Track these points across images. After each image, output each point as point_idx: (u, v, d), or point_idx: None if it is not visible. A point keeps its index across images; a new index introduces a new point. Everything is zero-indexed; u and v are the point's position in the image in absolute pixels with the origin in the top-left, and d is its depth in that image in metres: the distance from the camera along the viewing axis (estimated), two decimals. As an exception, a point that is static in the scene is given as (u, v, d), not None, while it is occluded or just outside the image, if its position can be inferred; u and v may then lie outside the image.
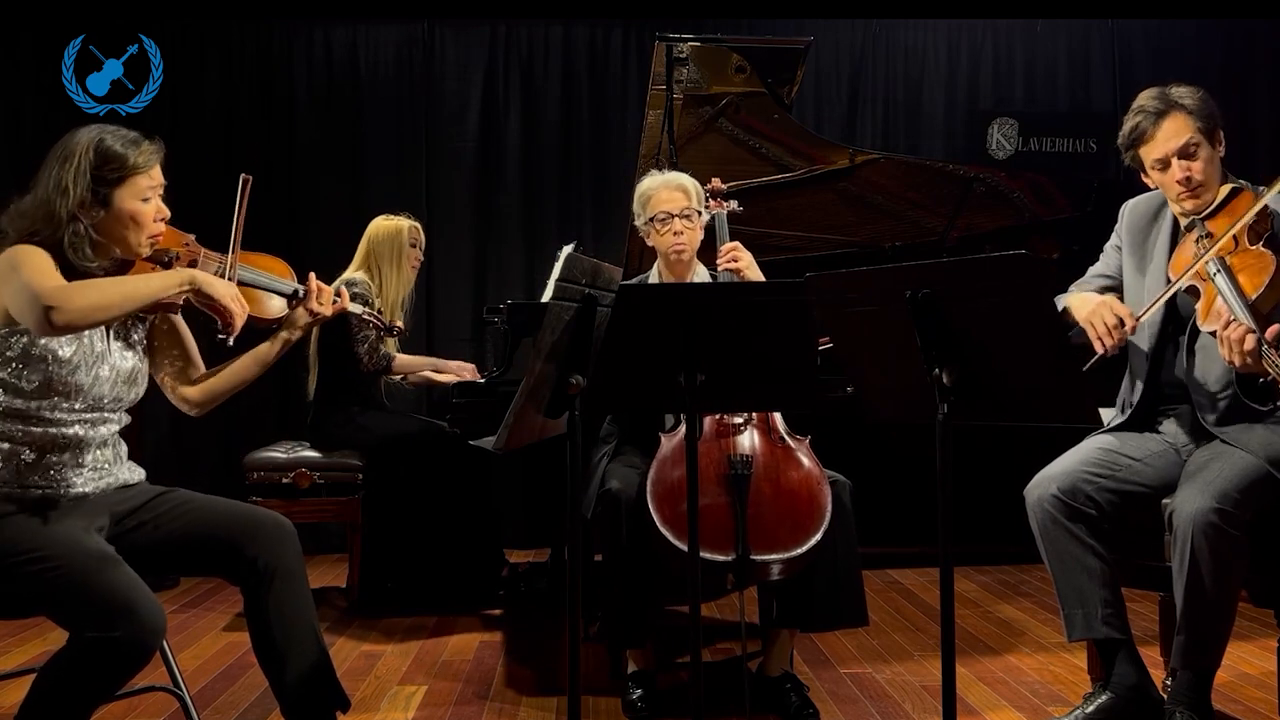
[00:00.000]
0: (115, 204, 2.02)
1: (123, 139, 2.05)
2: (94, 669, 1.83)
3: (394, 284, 3.86)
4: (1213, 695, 2.30)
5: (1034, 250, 4.07)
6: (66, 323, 1.88)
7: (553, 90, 5.26)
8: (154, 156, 2.07)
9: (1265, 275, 2.12)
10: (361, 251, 3.92)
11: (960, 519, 1.98)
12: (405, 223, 3.93)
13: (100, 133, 2.04)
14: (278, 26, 5.18)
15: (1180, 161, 2.35)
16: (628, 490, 2.63)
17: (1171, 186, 2.39)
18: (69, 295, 1.88)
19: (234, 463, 3.91)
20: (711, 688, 2.84)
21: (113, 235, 2.04)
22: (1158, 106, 2.37)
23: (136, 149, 2.05)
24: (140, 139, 2.07)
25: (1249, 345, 2.06)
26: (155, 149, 2.08)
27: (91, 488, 2.05)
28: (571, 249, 3.89)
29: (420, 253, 4.00)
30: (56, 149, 2.04)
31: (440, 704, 2.81)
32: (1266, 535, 2.25)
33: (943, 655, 1.83)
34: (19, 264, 1.92)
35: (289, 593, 2.07)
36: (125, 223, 2.04)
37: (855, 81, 5.38)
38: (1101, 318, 2.32)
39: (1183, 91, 2.38)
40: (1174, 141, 2.35)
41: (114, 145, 2.03)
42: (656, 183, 2.93)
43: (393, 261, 3.86)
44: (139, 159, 2.04)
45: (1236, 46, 5.44)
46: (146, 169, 2.05)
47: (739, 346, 2.08)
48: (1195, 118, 2.35)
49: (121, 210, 2.03)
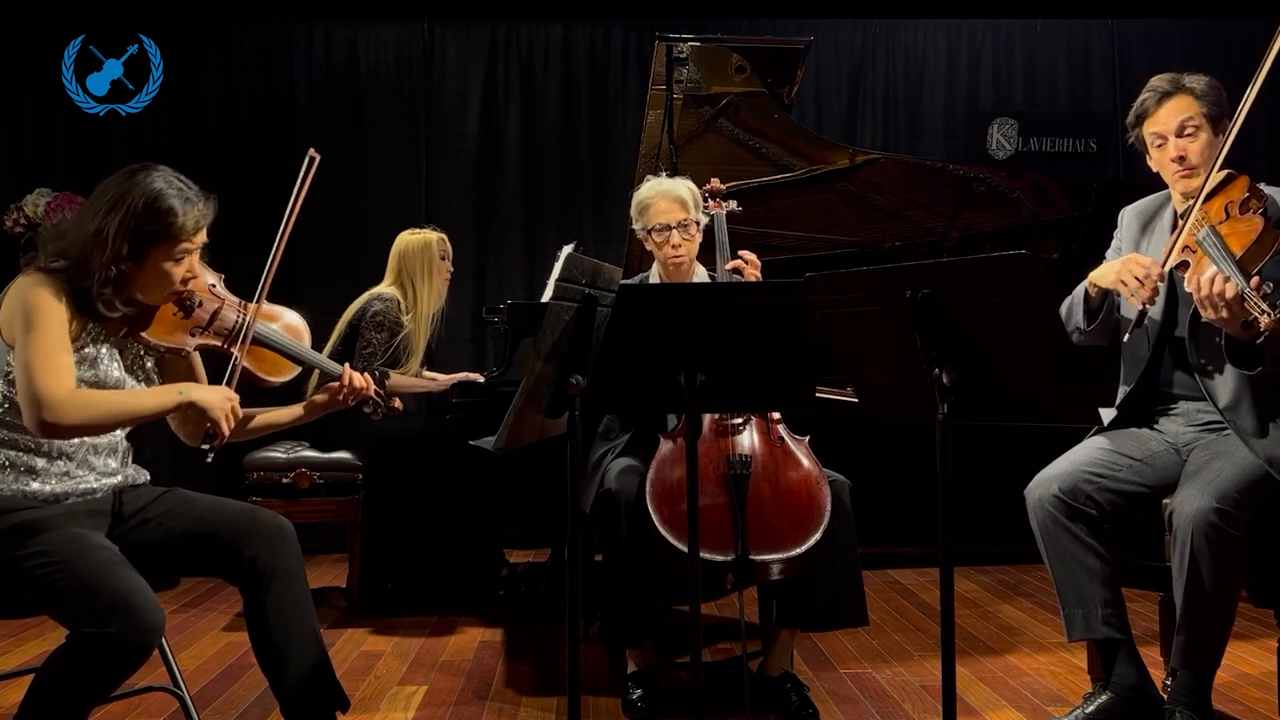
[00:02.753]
0: (149, 261, 2.00)
1: (181, 197, 2.01)
2: (91, 666, 1.83)
3: (426, 298, 3.84)
4: (1213, 695, 2.30)
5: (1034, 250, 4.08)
6: (54, 433, 1.92)
7: (553, 90, 5.27)
8: (204, 220, 2.04)
9: (1252, 235, 2.17)
10: (392, 268, 3.90)
11: (960, 519, 1.98)
12: (433, 235, 3.92)
13: (160, 186, 2.00)
14: (278, 26, 5.18)
15: (1177, 140, 2.39)
16: (627, 491, 2.63)
17: (1167, 165, 2.43)
18: (67, 410, 1.88)
19: (234, 463, 3.90)
20: (711, 688, 2.84)
21: (136, 284, 2.03)
22: (1165, 87, 2.43)
23: (190, 212, 2.01)
24: (197, 198, 2.03)
25: (1230, 293, 2.09)
26: (207, 212, 2.05)
27: (98, 486, 2.06)
28: (571, 249, 3.89)
29: (450, 264, 3.98)
30: (113, 186, 2.01)
31: (440, 704, 2.81)
32: (1266, 535, 2.25)
33: (943, 655, 1.83)
34: (33, 323, 1.91)
35: (288, 593, 2.07)
36: (152, 280, 2.03)
37: (855, 81, 5.38)
38: (1130, 273, 2.30)
39: (1195, 78, 2.42)
40: (1174, 119, 2.40)
41: (167, 203, 1.98)
42: (654, 192, 2.88)
43: (424, 275, 3.85)
44: (187, 223, 2.00)
45: (1236, 46, 5.43)
46: (192, 235, 2.02)
47: (739, 346, 2.08)
48: (1201, 102, 2.39)
49: (153, 267, 2.01)
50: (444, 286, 3.94)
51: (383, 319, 3.73)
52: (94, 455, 2.07)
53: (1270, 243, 2.17)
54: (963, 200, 4.25)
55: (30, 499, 1.97)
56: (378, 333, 3.72)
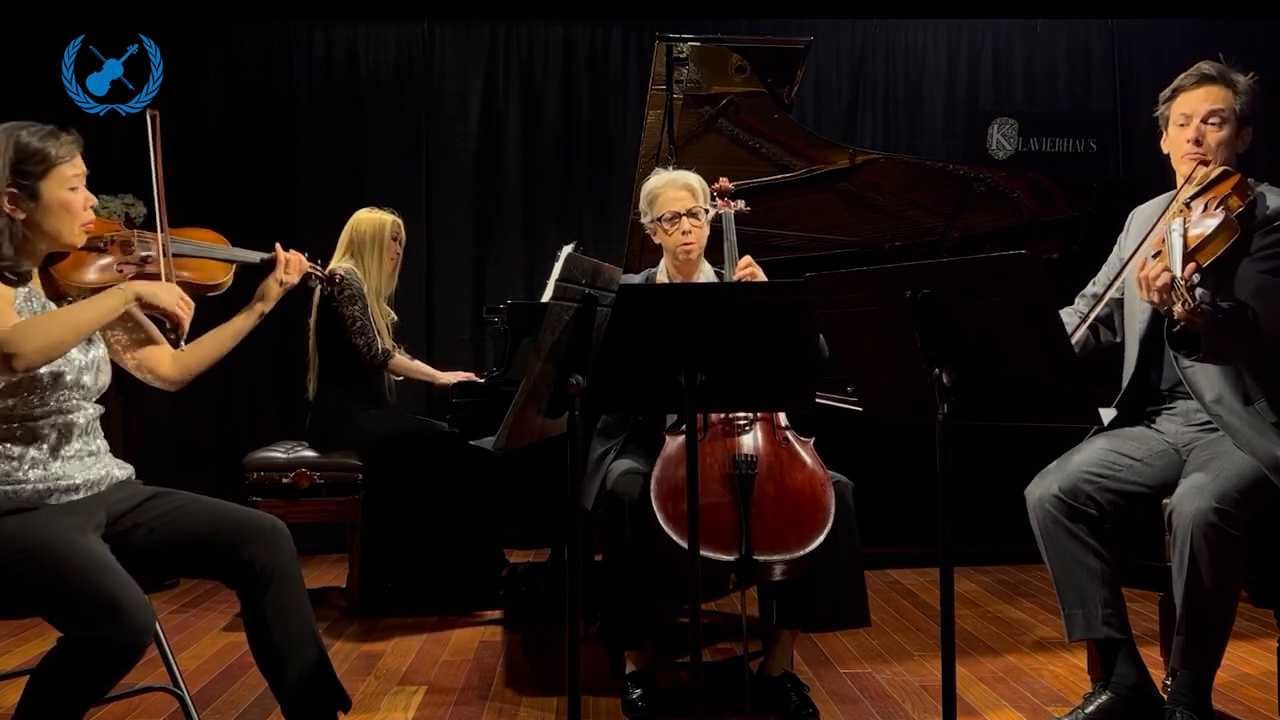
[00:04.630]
0: (44, 195, 2.04)
1: (39, 133, 2.06)
2: (83, 668, 1.83)
3: (375, 274, 3.87)
4: (1213, 695, 2.30)
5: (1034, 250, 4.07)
6: (27, 366, 1.93)
7: (553, 90, 5.27)
8: (74, 146, 2.09)
9: (1209, 229, 2.20)
10: (344, 240, 3.92)
11: (961, 519, 1.98)
12: (389, 217, 3.94)
13: (15, 130, 2.05)
14: (278, 26, 5.18)
15: (1200, 124, 2.41)
16: (630, 492, 2.63)
17: (1181, 145, 2.44)
18: (20, 339, 1.90)
19: (234, 463, 3.90)
20: (711, 688, 2.84)
21: (46, 227, 2.06)
22: (1209, 71, 2.44)
23: (56, 141, 2.06)
24: (57, 131, 2.09)
25: (1161, 281, 2.14)
26: (74, 139, 2.10)
27: (82, 478, 2.05)
28: (571, 249, 3.89)
29: (400, 248, 3.99)
30: None
31: (440, 704, 2.81)
32: (1266, 535, 2.25)
33: (943, 655, 1.83)
34: None
35: (286, 595, 2.07)
36: (57, 212, 2.06)
37: (855, 81, 5.38)
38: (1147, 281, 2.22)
39: (1240, 74, 2.44)
40: (1205, 104, 2.41)
41: (31, 141, 2.04)
42: (663, 181, 2.91)
43: (374, 252, 3.87)
44: (60, 150, 2.05)
45: (1236, 46, 5.40)
46: (69, 159, 2.07)
47: (739, 346, 2.08)
48: (1238, 97, 2.41)
49: (51, 200, 2.05)
50: (394, 268, 3.95)
51: (351, 292, 3.74)
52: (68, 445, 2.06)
53: (1225, 239, 2.20)
54: (963, 200, 4.25)
55: (13, 499, 1.96)
56: (353, 306, 3.73)
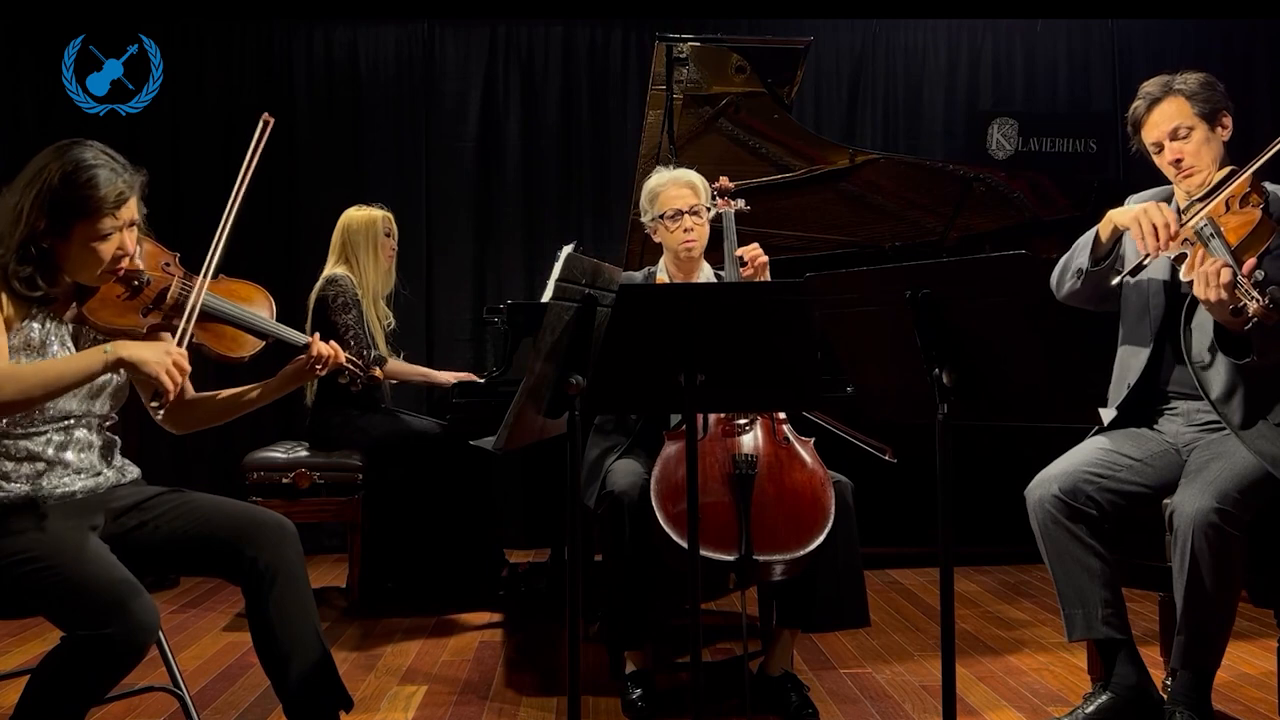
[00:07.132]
0: (74, 237, 1.94)
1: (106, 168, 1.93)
2: (87, 667, 1.83)
3: (372, 274, 3.84)
4: (1213, 695, 2.30)
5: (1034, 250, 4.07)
6: None
7: (553, 90, 5.27)
8: (128, 193, 1.96)
9: (1249, 226, 2.21)
10: (337, 243, 3.89)
11: (961, 519, 1.98)
12: (378, 213, 3.91)
13: (81, 158, 1.93)
14: (278, 26, 5.18)
15: (1171, 144, 2.43)
16: (630, 493, 2.63)
17: (1167, 170, 2.47)
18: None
19: (234, 463, 3.91)
20: (711, 688, 2.84)
21: (69, 263, 1.98)
22: (1153, 93, 2.46)
23: (113, 183, 1.93)
24: (121, 170, 1.96)
25: (1225, 278, 2.12)
26: (132, 184, 1.97)
27: (79, 486, 2.03)
28: (571, 249, 3.89)
29: (394, 243, 3.96)
30: (37, 161, 1.95)
31: (440, 704, 2.81)
32: (1266, 535, 2.25)
33: (943, 655, 1.83)
34: None
35: (291, 593, 2.07)
36: (80, 256, 1.96)
37: (855, 81, 5.38)
38: (1149, 217, 2.30)
39: (1185, 77, 2.44)
40: (1165, 125, 2.43)
41: (85, 175, 1.91)
42: (665, 179, 2.92)
43: (369, 251, 3.84)
44: (108, 194, 1.92)
45: (1236, 46, 5.44)
46: (113, 210, 1.93)
47: (739, 346, 2.08)
48: (1192, 101, 2.41)
49: (79, 246, 1.94)
50: (390, 264, 3.93)
51: (345, 299, 3.71)
52: (68, 453, 2.03)
53: (1266, 234, 2.20)
54: (962, 200, 4.26)
55: (13, 499, 1.95)
56: (346, 314, 3.70)
